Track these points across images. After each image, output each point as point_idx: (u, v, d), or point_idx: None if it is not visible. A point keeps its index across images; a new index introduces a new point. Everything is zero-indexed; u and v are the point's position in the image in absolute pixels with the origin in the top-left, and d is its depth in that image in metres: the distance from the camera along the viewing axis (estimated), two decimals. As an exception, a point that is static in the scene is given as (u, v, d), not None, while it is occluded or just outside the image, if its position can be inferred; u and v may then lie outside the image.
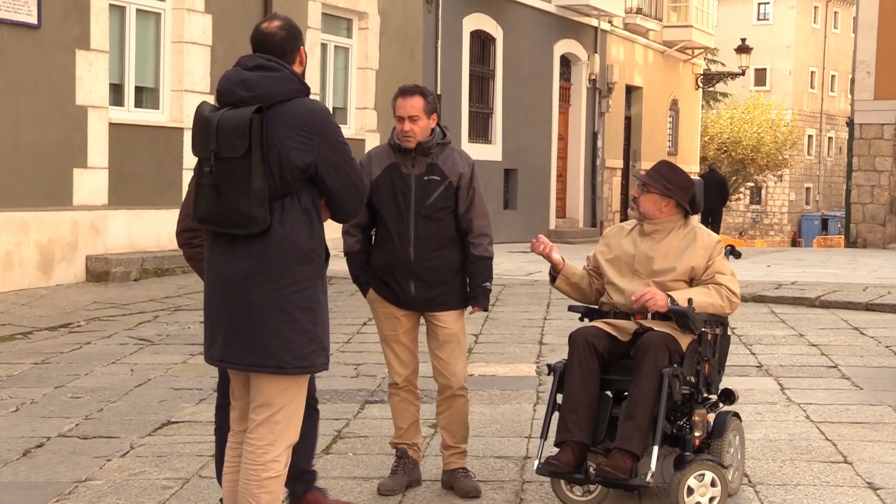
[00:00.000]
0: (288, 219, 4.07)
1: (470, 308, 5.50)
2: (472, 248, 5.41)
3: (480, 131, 22.25)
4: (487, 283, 5.44)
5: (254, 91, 4.04)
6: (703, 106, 37.66)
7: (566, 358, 5.19)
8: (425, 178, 5.34)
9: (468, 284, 5.46)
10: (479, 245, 5.42)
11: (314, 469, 5.09)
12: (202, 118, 4.11)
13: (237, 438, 4.34)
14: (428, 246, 5.33)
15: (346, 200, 4.17)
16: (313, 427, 4.99)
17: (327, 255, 4.22)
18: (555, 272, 5.53)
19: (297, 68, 4.21)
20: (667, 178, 5.38)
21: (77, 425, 6.85)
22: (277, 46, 4.16)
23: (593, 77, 25.95)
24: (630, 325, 5.25)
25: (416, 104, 5.29)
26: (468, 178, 5.40)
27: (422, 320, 5.53)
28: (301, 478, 4.95)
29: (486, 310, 5.53)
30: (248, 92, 4.05)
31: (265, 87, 4.05)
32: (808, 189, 64.45)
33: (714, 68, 38.95)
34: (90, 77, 12.98)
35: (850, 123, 24.76)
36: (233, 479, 4.31)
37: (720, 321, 5.33)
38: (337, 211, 4.22)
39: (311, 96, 4.20)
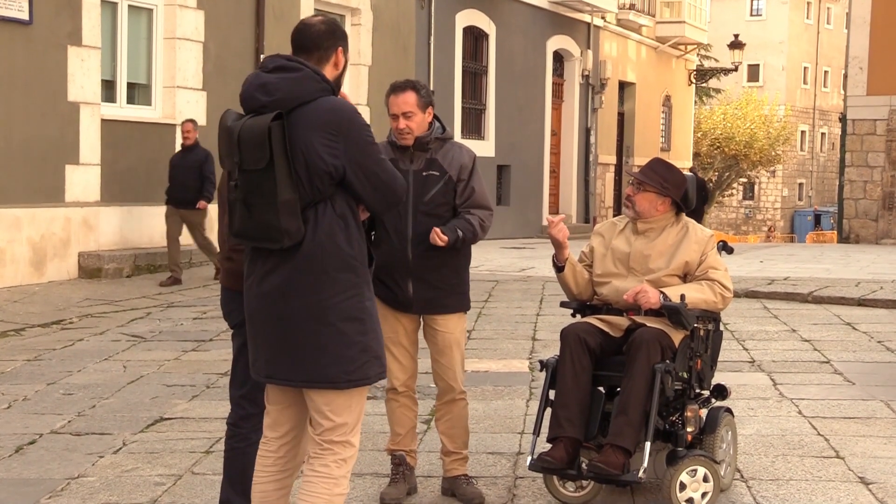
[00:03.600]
0: (322, 226, 3.83)
1: (435, 229, 5.12)
2: (469, 216, 5.18)
3: (473, 127, 22.25)
4: (461, 232, 5.13)
5: (273, 95, 3.81)
6: (696, 102, 37.66)
7: (558, 354, 5.19)
8: (424, 173, 5.18)
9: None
10: (474, 217, 5.18)
11: None
12: (225, 128, 3.88)
13: (270, 446, 4.13)
14: (427, 244, 5.14)
15: (378, 202, 3.95)
16: None
17: (371, 260, 4.01)
18: (559, 261, 5.40)
19: (331, 69, 3.95)
20: (662, 176, 5.35)
21: (69, 422, 6.84)
22: (313, 38, 3.93)
23: (586, 73, 25.94)
24: (622, 322, 5.25)
25: (408, 100, 5.11)
26: (469, 169, 5.22)
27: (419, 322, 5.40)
28: None
29: (448, 241, 5.09)
30: (268, 96, 3.82)
31: (285, 90, 3.81)
32: (800, 185, 64.52)
33: (707, 64, 38.88)
34: (82, 73, 12.96)
35: (843, 119, 24.79)
36: (265, 489, 4.11)
37: (712, 317, 5.33)
38: (372, 210, 4.04)
39: None
